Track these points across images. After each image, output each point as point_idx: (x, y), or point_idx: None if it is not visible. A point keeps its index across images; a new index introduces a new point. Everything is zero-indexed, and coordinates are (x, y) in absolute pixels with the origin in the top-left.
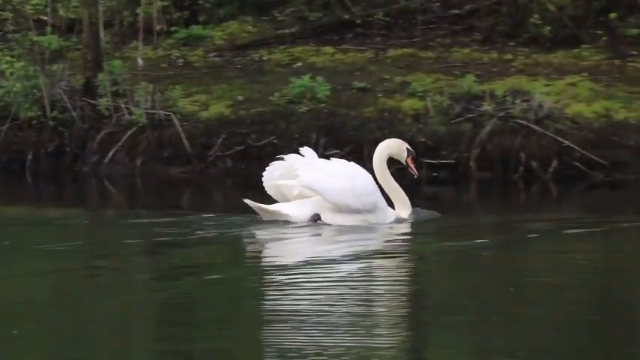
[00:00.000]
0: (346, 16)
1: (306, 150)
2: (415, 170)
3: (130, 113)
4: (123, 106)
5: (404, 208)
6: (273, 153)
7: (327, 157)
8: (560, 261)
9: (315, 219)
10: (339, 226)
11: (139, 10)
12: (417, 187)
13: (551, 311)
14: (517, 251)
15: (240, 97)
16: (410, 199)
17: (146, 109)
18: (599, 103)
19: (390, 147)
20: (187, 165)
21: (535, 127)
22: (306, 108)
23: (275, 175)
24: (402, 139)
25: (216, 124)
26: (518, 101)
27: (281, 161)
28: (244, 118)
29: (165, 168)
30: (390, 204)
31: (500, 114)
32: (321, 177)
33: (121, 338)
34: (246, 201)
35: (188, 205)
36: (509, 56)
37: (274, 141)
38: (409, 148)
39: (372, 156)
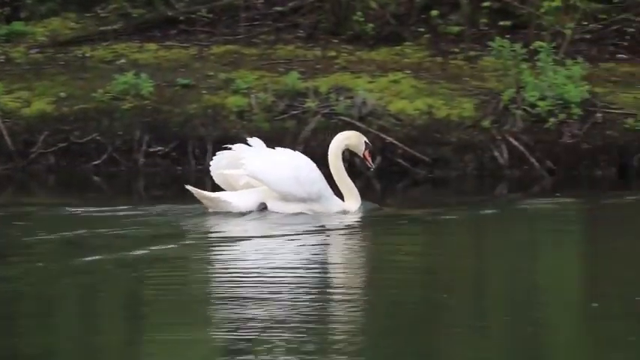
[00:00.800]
0: (169, 13)
1: (254, 140)
2: (372, 163)
3: None
4: None
5: (353, 200)
6: (97, 150)
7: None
8: (383, 254)
9: (262, 208)
10: (277, 214)
11: None
12: None
13: (374, 306)
14: (335, 247)
15: (62, 94)
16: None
17: None
18: (421, 100)
19: (349, 138)
20: (9, 162)
21: (358, 124)
22: (129, 105)
23: (222, 164)
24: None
25: (39, 121)
26: (341, 98)
27: (228, 150)
28: (67, 114)
29: None
30: (340, 196)
31: (324, 111)
32: (266, 166)
33: None
34: (189, 187)
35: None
36: (333, 53)
37: (97, 138)
38: (367, 141)
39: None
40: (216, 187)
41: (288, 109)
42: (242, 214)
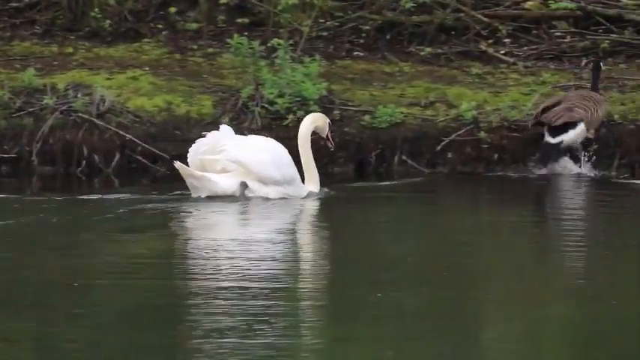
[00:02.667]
0: None
1: (224, 127)
2: (333, 143)
3: None
4: None
5: (314, 182)
6: None
7: None
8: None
9: (244, 188)
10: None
11: None
12: None
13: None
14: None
15: None
16: None
17: None
18: (160, 97)
19: (317, 121)
20: None
21: (97, 121)
22: None
23: (201, 150)
24: None
25: None
26: (79, 95)
27: (205, 138)
28: None
29: None
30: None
31: (62, 108)
32: (247, 151)
33: None
34: (177, 164)
35: None
36: (70, 50)
37: None
38: (330, 123)
39: None
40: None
41: (25, 106)
42: (225, 195)
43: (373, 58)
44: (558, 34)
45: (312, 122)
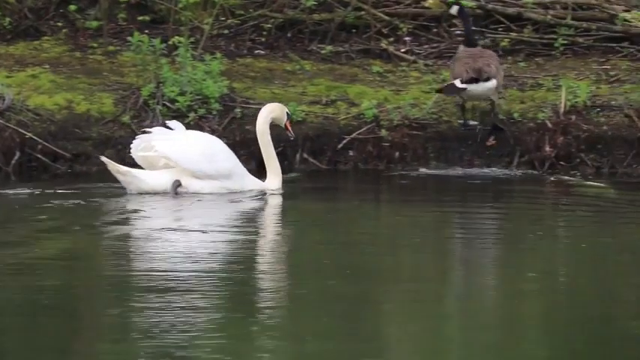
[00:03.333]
0: None
1: (173, 123)
2: (292, 132)
3: None
4: None
5: (275, 177)
6: None
7: None
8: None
9: (177, 185)
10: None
11: None
12: None
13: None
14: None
15: None
16: None
17: None
18: (60, 95)
19: (273, 111)
20: None
21: None
22: None
23: (141, 147)
24: None
25: None
26: None
27: (146, 134)
28: None
29: None
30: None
31: None
32: (177, 146)
33: None
34: (104, 159)
35: None
36: None
37: None
38: (288, 112)
39: None
40: None
41: None
42: (155, 193)
43: (274, 57)
44: (458, 32)
45: (269, 113)
